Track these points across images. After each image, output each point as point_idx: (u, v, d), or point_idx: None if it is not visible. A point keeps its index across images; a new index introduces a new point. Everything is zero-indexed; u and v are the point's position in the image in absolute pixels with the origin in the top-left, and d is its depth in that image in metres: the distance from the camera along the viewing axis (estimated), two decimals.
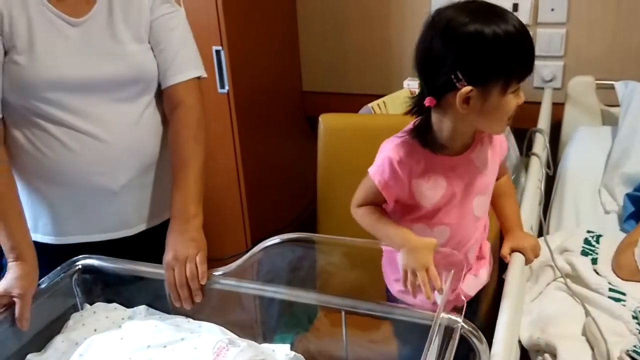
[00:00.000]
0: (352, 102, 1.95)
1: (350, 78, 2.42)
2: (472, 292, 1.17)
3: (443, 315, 0.86)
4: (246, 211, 2.14)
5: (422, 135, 0.97)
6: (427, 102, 0.92)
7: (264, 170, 2.20)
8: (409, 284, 0.91)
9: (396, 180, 0.98)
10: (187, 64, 1.24)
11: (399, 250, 0.92)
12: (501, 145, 1.08)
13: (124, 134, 1.19)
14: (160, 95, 1.25)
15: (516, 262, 0.97)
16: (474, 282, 1.18)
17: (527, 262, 1.00)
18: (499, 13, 0.88)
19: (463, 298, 0.83)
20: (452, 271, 0.87)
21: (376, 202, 1.04)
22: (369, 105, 1.92)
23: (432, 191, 1.00)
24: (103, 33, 1.15)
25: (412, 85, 1.99)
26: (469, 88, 0.88)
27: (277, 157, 2.28)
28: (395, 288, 1.15)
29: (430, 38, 0.90)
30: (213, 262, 1.14)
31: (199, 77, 1.27)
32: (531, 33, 2.12)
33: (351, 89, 2.42)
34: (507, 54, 0.87)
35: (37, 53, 1.10)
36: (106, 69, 1.15)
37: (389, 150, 0.99)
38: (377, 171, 1.01)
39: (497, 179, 1.12)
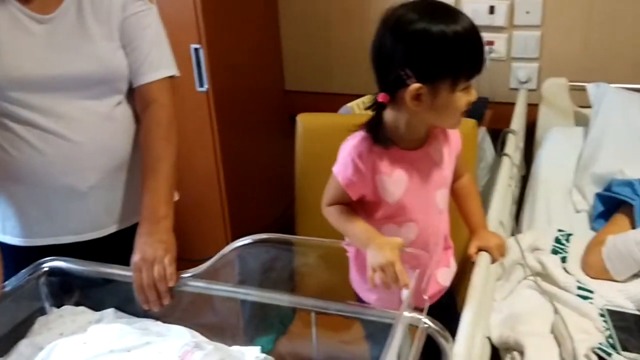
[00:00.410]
0: (336, 101, 1.95)
1: (333, 77, 2.42)
2: (447, 283, 1.19)
3: (406, 314, 0.86)
4: (227, 211, 2.13)
5: (374, 131, 0.98)
6: (380, 97, 0.94)
7: (245, 170, 2.19)
8: (377, 281, 0.91)
9: (359, 176, 1.00)
10: (159, 63, 1.22)
11: (365, 249, 0.93)
12: (456, 141, 1.10)
13: (92, 133, 1.18)
14: (132, 93, 1.24)
15: (482, 261, 0.98)
16: (447, 273, 1.20)
17: (493, 260, 1.02)
18: (449, 13, 0.89)
19: (425, 297, 0.83)
20: (417, 271, 0.87)
21: (344, 201, 1.05)
22: (348, 105, 1.93)
23: (394, 186, 1.01)
24: (72, 30, 1.13)
25: None
26: (418, 85, 0.89)
27: (258, 157, 2.27)
28: (369, 295, 1.16)
29: (382, 35, 0.92)
30: (192, 263, 1.13)
31: (171, 76, 1.26)
32: (507, 35, 2.16)
33: (334, 88, 2.42)
34: (454, 53, 0.88)
35: (1, 52, 1.08)
36: (74, 67, 1.13)
37: (350, 147, 1.01)
38: (340, 169, 1.02)
39: (458, 179, 1.13)
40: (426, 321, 0.90)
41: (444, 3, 0.93)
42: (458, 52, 0.89)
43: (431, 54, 0.88)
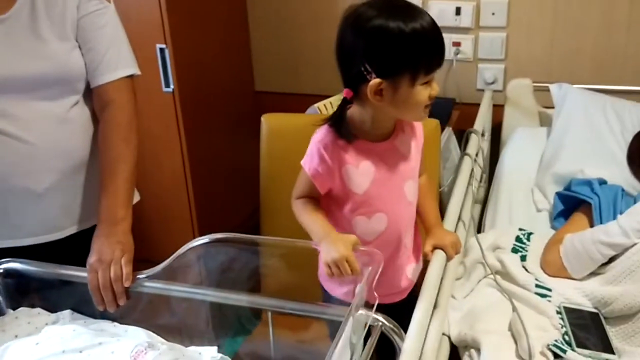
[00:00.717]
0: (306, 102, 1.95)
1: (303, 78, 2.42)
2: (416, 278, 1.21)
3: (362, 312, 0.87)
4: (194, 213, 2.12)
5: (337, 125, 1.00)
6: (345, 93, 0.96)
7: (212, 171, 2.18)
8: (332, 273, 0.92)
9: (325, 167, 1.01)
10: (116, 63, 1.21)
11: (320, 243, 0.94)
12: (421, 137, 1.12)
13: (48, 135, 1.16)
14: (90, 93, 1.22)
15: (437, 259, 0.99)
16: (417, 269, 1.22)
17: (449, 258, 1.03)
18: (408, 9, 0.91)
19: (375, 295, 0.84)
20: (370, 268, 0.88)
21: (312, 193, 1.06)
22: (315, 105, 1.93)
23: (361, 177, 1.03)
24: (25, 31, 1.11)
25: None
26: (378, 80, 0.91)
27: (227, 158, 2.26)
28: (336, 290, 1.17)
29: (343, 31, 0.93)
30: (159, 264, 1.12)
31: (131, 76, 1.25)
32: (473, 37, 2.18)
33: (304, 89, 2.43)
34: (411, 48, 0.90)
35: None
36: (28, 68, 1.11)
37: (316, 139, 1.03)
38: (307, 160, 1.04)
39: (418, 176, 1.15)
40: (378, 318, 0.91)
41: (404, 0, 0.95)
42: (415, 47, 0.90)
43: (389, 50, 0.90)
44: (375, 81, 0.91)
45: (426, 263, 1.07)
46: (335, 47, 0.96)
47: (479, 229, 1.69)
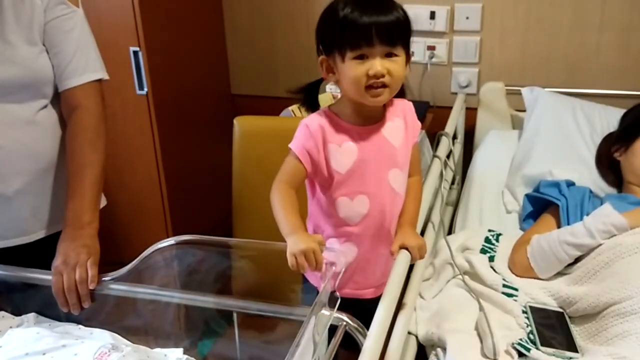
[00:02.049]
0: (282, 105, 1.96)
1: (278, 81, 2.43)
2: None
3: (324, 312, 0.88)
4: (168, 216, 2.11)
5: (310, 101, 1.15)
6: (323, 75, 1.07)
7: (187, 174, 2.17)
8: (297, 265, 0.93)
9: (312, 143, 1.06)
10: (84, 67, 1.21)
11: (287, 237, 0.95)
12: (414, 130, 1.16)
13: (15, 137, 1.15)
14: (59, 96, 1.22)
15: (401, 259, 1.00)
16: None
17: (412, 260, 1.04)
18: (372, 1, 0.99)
19: (337, 295, 0.85)
20: (333, 267, 0.89)
21: (297, 176, 1.08)
22: (290, 108, 1.94)
23: (344, 157, 1.07)
24: None
25: (334, 89, 2.02)
26: (322, 57, 1.05)
27: (201, 161, 2.26)
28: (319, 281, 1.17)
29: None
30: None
31: (99, 80, 1.25)
32: (448, 40, 2.21)
33: (280, 92, 2.43)
34: (338, 23, 0.99)
35: None
36: None
37: (304, 121, 1.09)
38: (294, 142, 1.08)
39: (409, 176, 1.16)
40: (342, 317, 0.92)
41: None
42: (338, 26, 0.99)
43: (323, 26, 1.03)
44: (321, 58, 1.03)
45: None
46: None
47: (450, 231, 1.70)
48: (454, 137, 1.89)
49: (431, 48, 2.16)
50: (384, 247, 1.13)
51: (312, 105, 1.15)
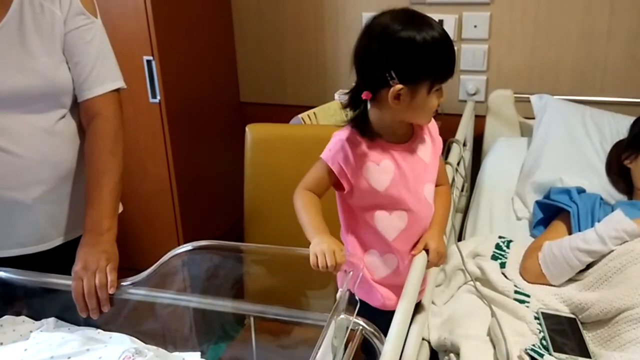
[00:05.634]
0: (291, 112, 1.97)
1: (287, 89, 2.46)
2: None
3: (343, 317, 0.89)
4: (179, 221, 2.13)
5: (360, 126, 1.08)
6: (364, 95, 1.04)
7: (198, 181, 2.20)
8: (317, 263, 0.95)
9: (348, 162, 1.07)
10: (104, 77, 1.23)
11: (312, 238, 0.98)
12: (439, 142, 1.19)
13: (35, 146, 1.17)
14: (77, 105, 1.24)
15: (418, 263, 1.02)
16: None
17: (429, 264, 1.06)
18: (426, 22, 1.00)
19: (356, 299, 0.86)
20: (350, 272, 0.90)
21: (322, 185, 1.10)
22: (300, 115, 1.96)
23: (382, 174, 1.08)
24: (13, 45, 1.12)
25: (342, 97, 2.04)
26: (400, 86, 1.00)
27: (212, 168, 2.28)
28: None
29: (368, 41, 1.02)
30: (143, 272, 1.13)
31: (117, 89, 1.27)
32: (456, 48, 2.23)
33: (289, 100, 2.46)
34: (432, 58, 0.98)
35: None
36: (15, 82, 1.13)
37: (340, 136, 1.09)
38: (328, 154, 1.09)
39: (437, 185, 1.19)
40: (359, 322, 0.93)
41: (419, 12, 1.03)
42: (435, 57, 0.99)
43: (415, 59, 0.99)
44: (397, 87, 1.00)
45: None
46: (355, 55, 1.05)
47: (460, 237, 1.71)
48: (463, 144, 1.90)
49: None
50: None
51: (361, 128, 1.10)
